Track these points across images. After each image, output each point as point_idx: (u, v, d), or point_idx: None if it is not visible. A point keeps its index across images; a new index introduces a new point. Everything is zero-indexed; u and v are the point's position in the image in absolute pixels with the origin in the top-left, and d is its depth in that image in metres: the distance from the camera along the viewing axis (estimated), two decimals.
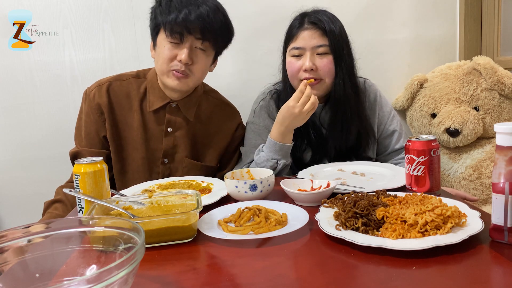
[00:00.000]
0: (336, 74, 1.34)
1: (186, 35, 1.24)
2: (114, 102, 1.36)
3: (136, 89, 1.38)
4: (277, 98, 1.46)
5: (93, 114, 1.35)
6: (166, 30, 1.24)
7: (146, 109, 1.36)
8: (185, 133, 1.38)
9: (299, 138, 1.40)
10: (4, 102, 1.72)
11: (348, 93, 1.36)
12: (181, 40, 1.25)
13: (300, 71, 1.34)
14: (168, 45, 1.26)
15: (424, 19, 1.95)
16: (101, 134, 1.35)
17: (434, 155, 1.01)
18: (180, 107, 1.37)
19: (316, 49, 1.32)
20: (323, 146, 1.41)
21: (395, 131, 1.47)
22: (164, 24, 1.24)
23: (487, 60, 1.69)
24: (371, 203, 0.85)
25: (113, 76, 1.40)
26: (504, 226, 0.74)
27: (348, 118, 1.37)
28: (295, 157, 1.41)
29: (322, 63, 1.32)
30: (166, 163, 1.39)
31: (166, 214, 0.88)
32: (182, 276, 0.72)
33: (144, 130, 1.36)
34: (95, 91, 1.36)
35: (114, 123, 1.35)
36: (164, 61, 1.27)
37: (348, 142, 1.40)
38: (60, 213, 1.25)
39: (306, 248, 0.80)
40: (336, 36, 1.31)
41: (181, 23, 1.22)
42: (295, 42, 1.34)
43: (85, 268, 0.66)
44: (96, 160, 0.98)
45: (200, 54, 1.29)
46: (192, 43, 1.26)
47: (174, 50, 1.26)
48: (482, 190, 1.67)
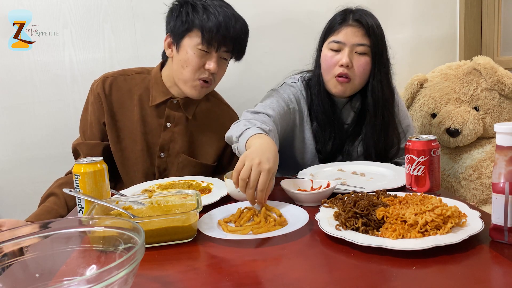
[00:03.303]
0: (374, 75, 1.34)
1: (221, 47, 1.27)
2: (115, 95, 1.39)
3: (139, 84, 1.41)
4: (306, 86, 1.44)
5: (96, 103, 1.39)
6: (203, 38, 1.25)
7: (147, 103, 1.39)
8: (183, 129, 1.40)
9: (322, 132, 1.40)
10: (4, 102, 1.72)
11: (386, 96, 1.36)
12: (211, 51, 1.27)
13: (335, 65, 1.33)
14: (198, 52, 1.27)
15: (424, 19, 1.95)
16: (101, 121, 1.39)
17: (434, 155, 1.01)
18: (180, 104, 1.39)
19: (355, 47, 1.31)
20: (343, 142, 1.42)
21: (409, 126, 1.48)
22: (202, 30, 1.25)
23: (487, 60, 1.69)
24: (371, 203, 0.85)
25: (119, 71, 1.44)
26: (504, 226, 0.74)
27: (386, 122, 1.37)
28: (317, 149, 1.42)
29: (359, 62, 1.32)
30: (162, 157, 1.41)
31: (166, 214, 0.89)
32: (182, 276, 0.72)
33: (143, 124, 1.39)
34: (98, 82, 1.40)
35: (111, 114, 1.38)
36: (193, 69, 1.28)
37: (383, 144, 1.39)
38: (51, 205, 1.26)
39: (306, 248, 0.80)
40: (378, 38, 1.32)
41: (220, 38, 1.25)
42: (336, 36, 1.33)
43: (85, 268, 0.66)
44: (96, 160, 0.98)
45: (223, 63, 1.34)
46: (220, 54, 1.30)
47: (203, 58, 1.28)
48: (482, 190, 1.67)
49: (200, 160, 1.43)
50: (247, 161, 0.95)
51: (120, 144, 1.39)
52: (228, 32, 1.25)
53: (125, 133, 1.39)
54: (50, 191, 1.32)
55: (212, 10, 1.25)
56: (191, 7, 1.27)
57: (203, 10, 1.25)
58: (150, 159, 1.40)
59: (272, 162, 0.96)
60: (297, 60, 1.48)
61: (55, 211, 1.25)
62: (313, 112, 1.41)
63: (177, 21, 1.29)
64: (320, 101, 1.38)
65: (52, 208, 1.25)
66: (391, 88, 1.40)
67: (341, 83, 1.32)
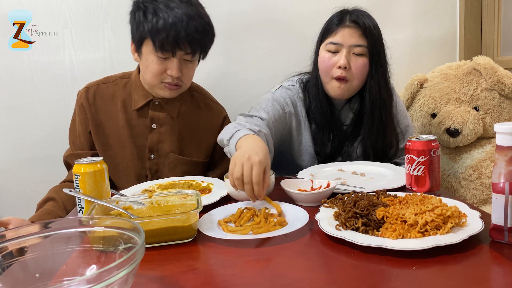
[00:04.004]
0: (371, 76, 1.34)
1: (177, 51, 1.24)
2: (99, 103, 1.39)
3: (121, 89, 1.41)
4: (304, 88, 1.44)
5: (81, 113, 1.40)
6: (155, 46, 1.23)
7: (131, 107, 1.39)
8: (170, 129, 1.40)
9: (321, 133, 1.40)
10: (4, 102, 1.72)
11: (384, 97, 1.36)
12: (170, 56, 1.25)
13: (333, 67, 1.33)
14: (155, 59, 1.26)
15: (424, 19, 1.95)
16: (88, 130, 1.40)
17: (434, 155, 1.01)
18: (162, 105, 1.39)
19: (353, 48, 1.31)
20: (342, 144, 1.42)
21: (408, 126, 1.48)
22: (153, 39, 1.23)
23: (487, 60, 1.69)
24: (371, 203, 0.85)
25: (101, 79, 1.44)
26: (504, 226, 0.74)
27: (384, 122, 1.37)
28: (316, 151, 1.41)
29: (356, 63, 1.31)
30: (152, 159, 1.40)
31: (166, 214, 0.89)
32: (182, 276, 0.72)
33: (130, 128, 1.38)
34: (82, 93, 1.41)
35: (97, 123, 1.39)
36: (153, 75, 1.28)
37: (381, 145, 1.39)
38: (50, 208, 1.26)
39: (306, 248, 0.80)
40: (375, 38, 1.31)
41: (172, 42, 1.21)
42: (333, 37, 1.33)
43: (85, 268, 0.66)
44: (96, 160, 0.98)
45: (189, 64, 1.31)
46: (181, 56, 1.27)
47: (163, 64, 1.26)
48: (482, 190, 1.67)
49: (190, 157, 1.43)
50: (238, 161, 0.95)
51: (109, 151, 1.39)
52: (178, 36, 1.21)
53: (113, 140, 1.39)
54: (47, 197, 1.31)
55: (162, 14, 1.21)
56: (142, 13, 1.25)
57: (152, 15, 1.23)
58: (141, 162, 1.40)
59: (262, 155, 0.96)
60: (297, 60, 1.49)
61: (55, 212, 1.25)
62: (312, 114, 1.41)
63: (133, 29, 1.29)
64: (319, 102, 1.38)
65: (52, 210, 1.25)
66: (389, 89, 1.40)
67: (339, 86, 1.32)
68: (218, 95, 1.55)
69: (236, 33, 1.81)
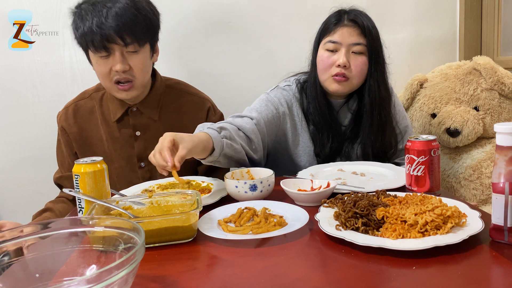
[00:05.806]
0: (370, 75, 1.34)
1: (111, 45, 1.21)
2: (80, 121, 1.38)
3: (98, 102, 1.39)
4: (301, 89, 1.43)
5: (63, 136, 1.40)
6: (90, 48, 1.22)
7: (111, 120, 1.37)
8: (154, 133, 1.35)
9: (320, 135, 1.40)
10: (4, 102, 1.72)
11: (383, 96, 1.36)
12: (108, 52, 1.23)
13: (332, 66, 1.32)
14: (98, 60, 1.25)
15: (424, 19, 1.95)
16: (73, 151, 1.39)
17: (434, 155, 1.01)
18: (141, 110, 1.36)
19: (352, 47, 1.31)
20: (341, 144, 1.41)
21: (407, 126, 1.48)
22: (87, 42, 1.22)
23: (487, 60, 1.69)
24: (371, 203, 0.85)
25: (78, 96, 1.43)
26: (504, 226, 0.74)
27: (383, 122, 1.37)
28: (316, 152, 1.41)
29: (356, 62, 1.31)
30: (143, 167, 1.39)
31: (166, 214, 0.89)
32: (182, 276, 0.72)
33: (113, 141, 1.37)
34: (61, 114, 1.40)
35: (82, 141, 1.38)
36: (103, 77, 1.27)
37: (380, 145, 1.39)
38: (48, 215, 1.26)
39: (306, 248, 0.80)
40: (373, 37, 1.31)
41: (99, 38, 1.19)
42: (331, 36, 1.33)
43: (85, 268, 0.66)
44: (96, 160, 0.98)
45: (134, 56, 1.26)
46: (121, 50, 1.24)
47: (106, 63, 1.24)
48: (482, 190, 1.67)
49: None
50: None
51: None
52: (102, 30, 1.18)
53: (100, 155, 1.37)
54: (44, 208, 1.31)
55: (87, 16, 1.20)
56: (73, 22, 1.25)
57: (79, 19, 1.22)
58: (133, 172, 1.38)
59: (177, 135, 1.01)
60: (296, 60, 1.48)
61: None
62: (310, 114, 1.40)
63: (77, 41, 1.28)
64: (317, 103, 1.38)
65: (49, 217, 1.25)
66: (388, 88, 1.40)
67: (338, 81, 1.32)
68: (218, 95, 1.55)
69: (236, 33, 1.81)
